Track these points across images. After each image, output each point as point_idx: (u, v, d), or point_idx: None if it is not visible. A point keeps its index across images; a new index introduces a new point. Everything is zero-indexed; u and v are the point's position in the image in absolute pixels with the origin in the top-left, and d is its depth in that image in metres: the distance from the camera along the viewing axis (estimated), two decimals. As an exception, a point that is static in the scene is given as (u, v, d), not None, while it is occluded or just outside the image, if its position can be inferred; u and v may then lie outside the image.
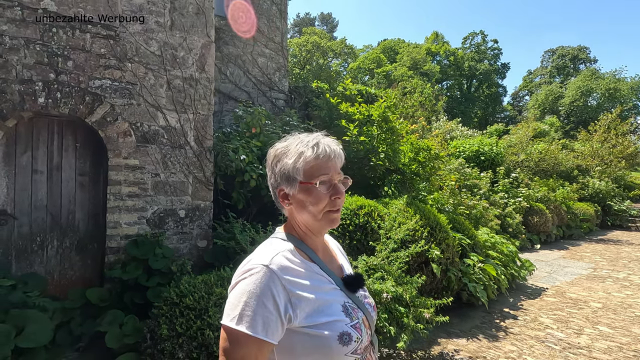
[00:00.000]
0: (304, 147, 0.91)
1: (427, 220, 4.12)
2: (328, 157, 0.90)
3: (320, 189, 0.89)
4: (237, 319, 0.79)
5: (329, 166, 0.91)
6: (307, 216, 0.92)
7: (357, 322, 0.90)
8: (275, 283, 0.81)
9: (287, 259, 0.88)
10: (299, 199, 0.91)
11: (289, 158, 0.91)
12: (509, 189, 9.19)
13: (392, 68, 31.64)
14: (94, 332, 2.85)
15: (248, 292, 0.80)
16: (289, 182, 0.91)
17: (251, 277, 0.82)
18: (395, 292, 3.03)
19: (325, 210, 0.91)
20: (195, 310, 2.40)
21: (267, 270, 0.82)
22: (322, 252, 1.01)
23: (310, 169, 0.90)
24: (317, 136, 0.93)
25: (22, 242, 3.19)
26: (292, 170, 0.90)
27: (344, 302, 0.92)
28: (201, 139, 3.87)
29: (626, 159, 13.98)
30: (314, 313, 0.85)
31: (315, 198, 0.90)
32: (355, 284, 0.98)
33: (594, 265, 6.97)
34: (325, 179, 0.90)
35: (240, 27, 6.81)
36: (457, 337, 3.66)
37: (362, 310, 0.96)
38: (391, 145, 5.35)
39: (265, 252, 0.88)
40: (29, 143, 3.24)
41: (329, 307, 0.88)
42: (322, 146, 0.91)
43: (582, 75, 33.33)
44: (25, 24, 3.06)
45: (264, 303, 0.79)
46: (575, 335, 3.74)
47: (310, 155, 0.89)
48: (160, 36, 3.64)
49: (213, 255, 3.76)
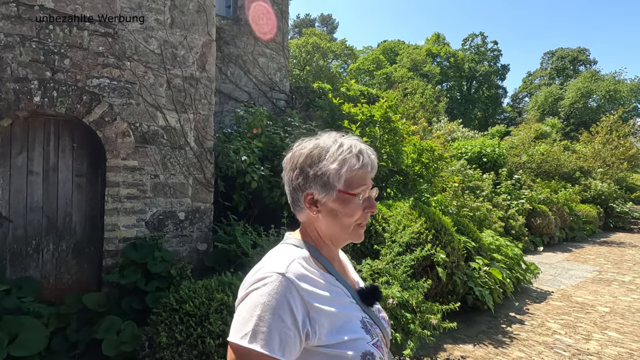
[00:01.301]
0: (347, 153, 0.83)
1: (432, 223, 4.04)
2: (371, 167, 0.85)
3: (359, 201, 0.83)
4: (250, 335, 0.68)
5: (368, 177, 0.85)
6: (336, 227, 0.85)
7: (377, 339, 0.81)
8: (292, 294, 0.72)
9: (304, 267, 0.79)
10: (331, 208, 0.83)
11: (331, 163, 0.82)
12: (512, 191, 9.12)
13: (392, 69, 31.59)
14: (90, 339, 2.76)
15: (262, 305, 0.70)
16: (324, 188, 0.83)
17: (265, 287, 0.72)
18: (401, 297, 2.95)
19: (356, 224, 0.85)
20: (195, 317, 2.31)
21: (284, 279, 0.73)
22: (337, 263, 0.93)
23: (351, 178, 0.83)
24: (356, 142, 0.86)
25: (16, 245, 3.10)
26: (334, 176, 0.82)
27: (362, 317, 0.83)
28: (201, 140, 3.78)
29: (628, 160, 13.93)
30: (334, 330, 0.75)
31: (352, 210, 0.83)
32: (372, 297, 0.90)
33: (598, 268, 6.89)
34: (365, 191, 0.84)
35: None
36: (463, 342, 3.57)
37: (379, 326, 0.87)
38: (394, 146, 5.28)
39: (279, 258, 0.79)
40: (25, 143, 3.16)
41: (349, 323, 0.79)
42: (366, 155, 0.84)
43: (582, 76, 33.28)
44: (21, 20, 2.97)
45: (281, 317, 0.69)
46: (584, 341, 3.66)
47: (356, 164, 0.82)
48: (160, 34, 3.56)
49: (214, 258, 3.67)
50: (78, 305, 2.93)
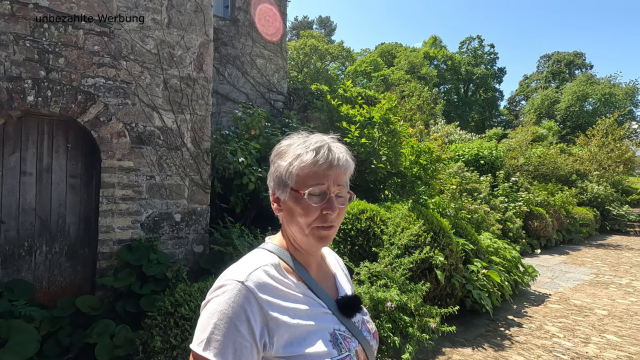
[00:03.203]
0: (304, 149, 0.79)
1: (431, 225, 4.02)
2: (329, 164, 0.78)
3: (309, 200, 0.77)
4: (204, 343, 0.68)
5: (327, 175, 0.78)
6: (295, 228, 0.81)
7: (347, 354, 0.76)
8: (251, 303, 0.70)
9: (269, 275, 0.75)
10: (288, 207, 0.81)
11: (285, 159, 0.79)
12: (509, 193, 9.13)
13: (390, 72, 31.67)
14: (83, 343, 2.70)
15: (219, 313, 0.69)
16: (280, 186, 0.81)
17: (223, 295, 0.70)
18: (400, 300, 2.91)
19: (314, 225, 0.78)
20: (191, 321, 2.27)
21: (242, 287, 0.71)
22: (316, 269, 0.88)
23: (304, 175, 0.78)
24: (323, 139, 0.81)
25: (8, 247, 3.04)
26: (285, 173, 0.79)
27: (334, 329, 0.79)
28: (198, 141, 3.74)
29: (624, 163, 14.00)
30: (295, 342, 0.72)
31: (305, 209, 0.78)
32: (351, 308, 0.85)
33: (595, 270, 6.89)
34: (318, 190, 0.77)
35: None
36: (462, 346, 3.55)
37: (359, 339, 0.82)
38: (392, 147, 5.26)
39: (243, 265, 0.76)
40: (18, 143, 3.10)
41: (314, 335, 0.74)
42: (325, 151, 0.78)
43: (578, 80, 33.48)
44: (15, 18, 2.92)
45: (236, 326, 0.68)
46: (583, 345, 3.64)
47: (308, 159, 0.77)
48: (157, 34, 3.52)
49: (210, 260, 3.62)
50: (71, 308, 2.88)
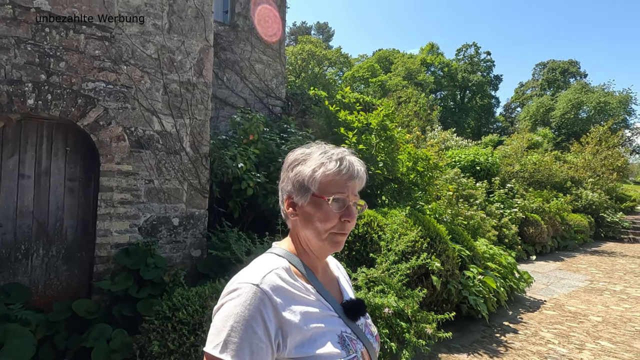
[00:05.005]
0: (327, 158, 0.84)
1: (427, 231, 4.04)
2: (350, 175, 0.84)
3: (332, 207, 0.82)
4: (221, 346, 0.69)
5: (347, 185, 0.84)
6: (311, 232, 0.84)
7: (354, 355, 0.80)
8: (266, 305, 0.72)
9: (281, 278, 0.78)
10: (306, 212, 0.84)
11: (308, 166, 0.84)
12: (505, 200, 9.19)
13: (387, 78, 31.88)
14: (79, 347, 2.69)
15: (235, 315, 0.71)
16: (300, 191, 0.84)
17: (238, 298, 0.73)
18: (397, 306, 2.93)
19: (331, 231, 0.83)
20: (188, 325, 2.27)
21: (257, 290, 0.73)
22: (322, 273, 0.92)
23: (327, 182, 0.83)
24: (343, 151, 0.87)
25: (5, 250, 3.03)
26: (309, 179, 0.83)
27: (342, 331, 0.82)
28: (197, 145, 3.76)
29: (618, 171, 14.15)
30: (305, 343, 0.75)
31: (325, 215, 0.82)
32: (356, 311, 0.89)
33: (590, 277, 6.94)
34: (340, 197, 0.83)
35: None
36: (458, 352, 3.56)
37: (363, 341, 0.87)
38: (390, 154, 5.30)
39: (256, 269, 0.79)
40: (17, 146, 3.10)
41: (323, 337, 0.78)
42: (347, 163, 0.84)
43: (573, 88, 33.91)
44: (17, 22, 2.94)
45: (253, 328, 0.70)
46: (578, 351, 3.67)
47: (332, 168, 0.83)
48: (157, 39, 3.55)
49: (207, 265, 3.62)
50: (67, 312, 2.86)
